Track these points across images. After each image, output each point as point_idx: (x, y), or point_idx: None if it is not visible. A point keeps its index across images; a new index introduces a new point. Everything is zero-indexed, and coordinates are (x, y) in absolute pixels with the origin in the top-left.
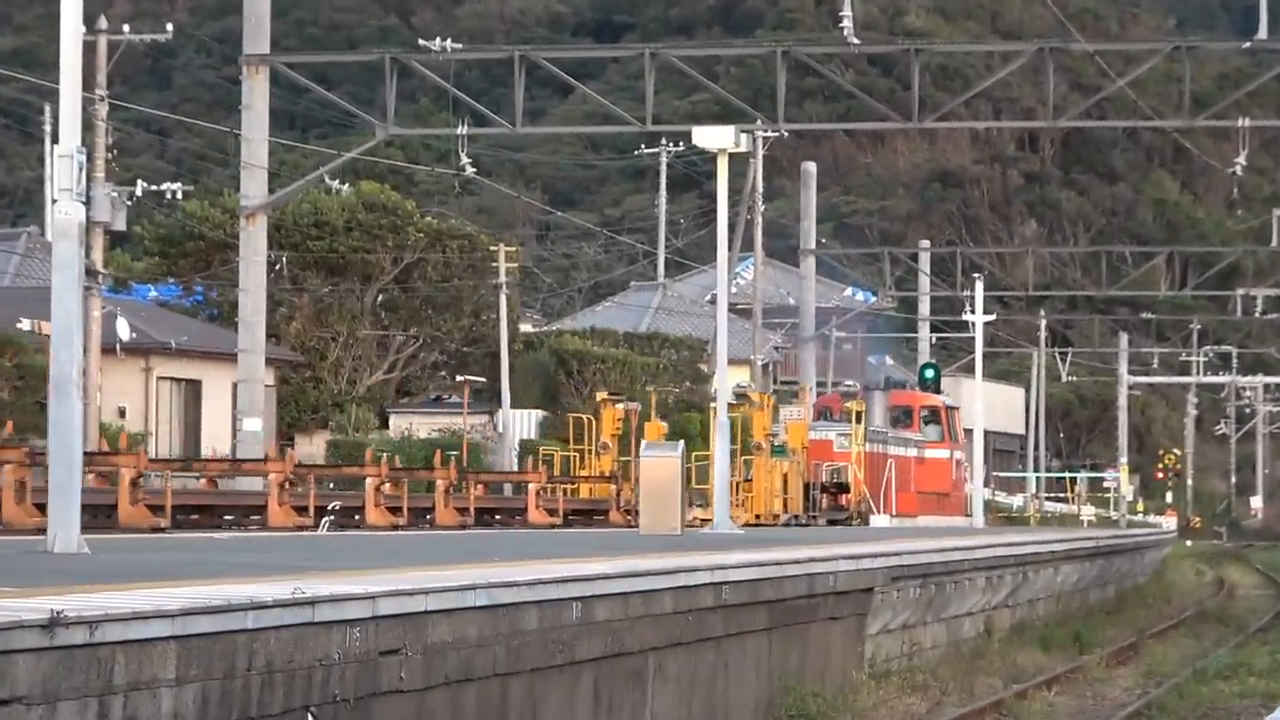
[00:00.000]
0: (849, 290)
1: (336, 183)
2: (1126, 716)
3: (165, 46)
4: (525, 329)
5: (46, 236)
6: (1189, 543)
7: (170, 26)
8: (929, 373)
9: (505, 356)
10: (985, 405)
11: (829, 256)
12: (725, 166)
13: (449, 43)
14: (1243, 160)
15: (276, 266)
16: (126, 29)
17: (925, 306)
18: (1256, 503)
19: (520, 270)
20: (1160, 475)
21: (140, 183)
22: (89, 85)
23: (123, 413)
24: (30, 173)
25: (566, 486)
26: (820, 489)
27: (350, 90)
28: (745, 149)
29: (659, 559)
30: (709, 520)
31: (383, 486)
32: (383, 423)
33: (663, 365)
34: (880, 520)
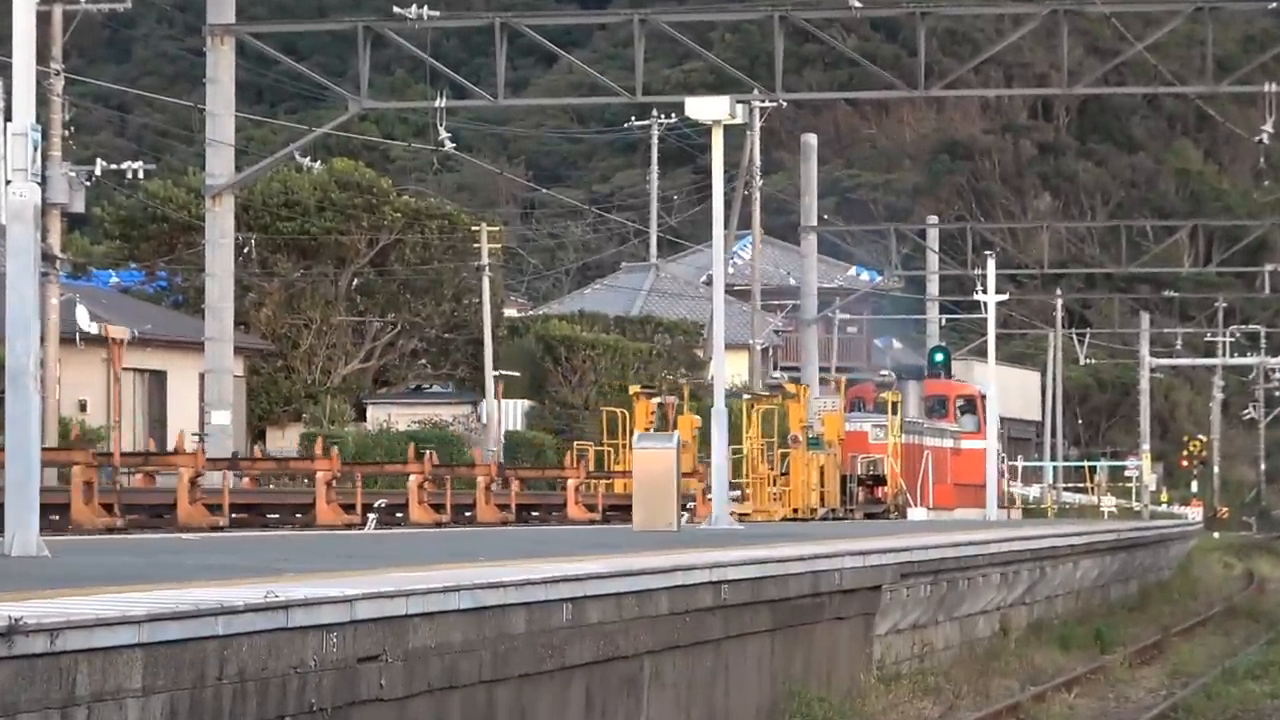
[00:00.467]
0: (853, 269)
1: (308, 160)
2: (1151, 719)
3: (124, 16)
4: (510, 313)
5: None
6: (1216, 534)
7: None
8: (939, 356)
9: (489, 343)
10: (999, 390)
11: (831, 234)
12: (720, 139)
13: (425, 10)
14: (1269, 128)
15: (245, 249)
16: None
17: (934, 286)
18: None
19: (504, 251)
20: (1185, 463)
21: (99, 162)
22: (44, 58)
23: (84, 406)
24: None
25: (604, 482)
26: (857, 482)
27: (321, 61)
28: (742, 120)
29: (654, 557)
30: (747, 515)
31: (425, 484)
32: (359, 415)
33: (656, 351)
34: (917, 513)
